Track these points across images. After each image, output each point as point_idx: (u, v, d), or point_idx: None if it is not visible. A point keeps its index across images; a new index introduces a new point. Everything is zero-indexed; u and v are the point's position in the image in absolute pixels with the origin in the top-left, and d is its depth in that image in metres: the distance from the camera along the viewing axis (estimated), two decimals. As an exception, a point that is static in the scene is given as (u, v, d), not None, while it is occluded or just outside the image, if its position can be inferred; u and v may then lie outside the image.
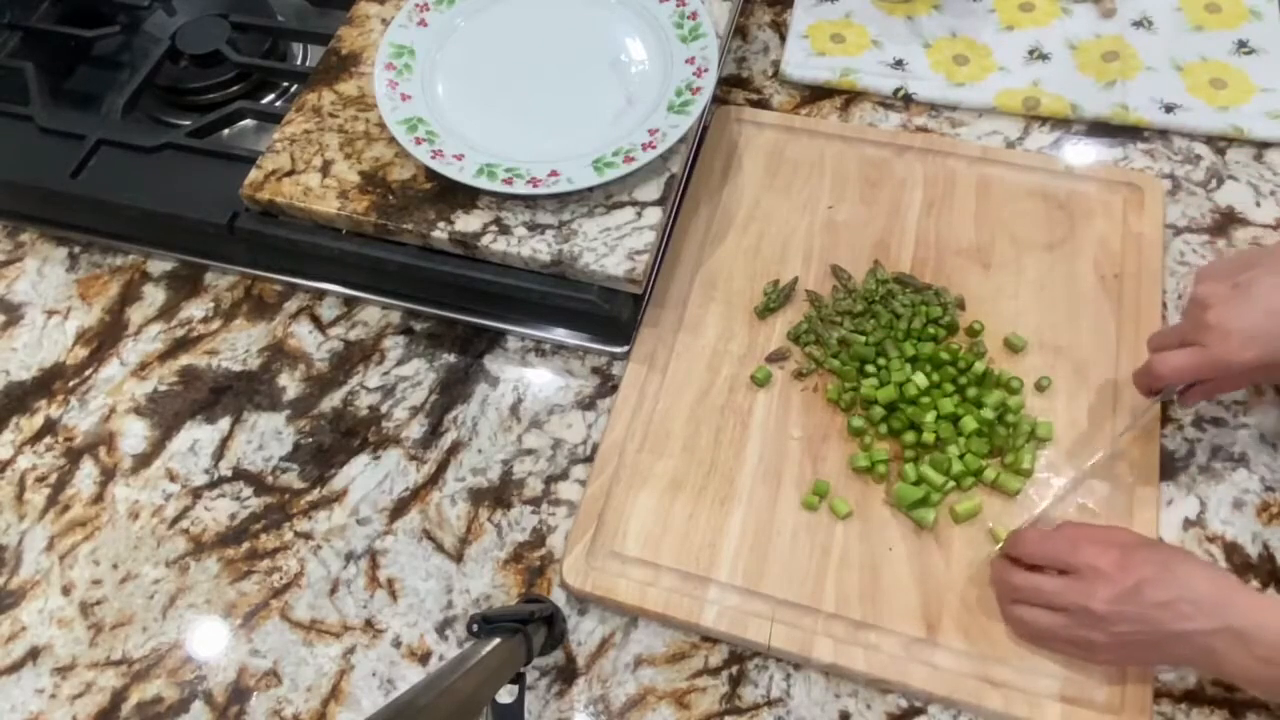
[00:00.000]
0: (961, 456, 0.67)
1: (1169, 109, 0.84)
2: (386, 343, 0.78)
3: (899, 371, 0.70)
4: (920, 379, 0.70)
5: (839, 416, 0.71)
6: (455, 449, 0.73)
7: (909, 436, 0.69)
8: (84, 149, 0.81)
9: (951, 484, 0.67)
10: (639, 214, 0.72)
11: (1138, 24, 0.90)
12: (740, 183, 0.83)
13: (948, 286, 0.75)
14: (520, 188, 0.71)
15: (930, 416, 0.68)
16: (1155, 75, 0.86)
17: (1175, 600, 0.56)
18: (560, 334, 0.76)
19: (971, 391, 0.70)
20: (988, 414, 0.68)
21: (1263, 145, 0.83)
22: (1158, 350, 0.64)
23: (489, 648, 0.52)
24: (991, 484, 0.67)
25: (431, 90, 0.79)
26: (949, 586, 0.64)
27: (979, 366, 0.70)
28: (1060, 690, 0.60)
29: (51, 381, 0.78)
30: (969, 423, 0.68)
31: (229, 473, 0.73)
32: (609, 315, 0.72)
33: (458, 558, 0.69)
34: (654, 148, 0.73)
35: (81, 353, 0.79)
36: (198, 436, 0.75)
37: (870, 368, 0.71)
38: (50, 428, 0.76)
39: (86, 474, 0.74)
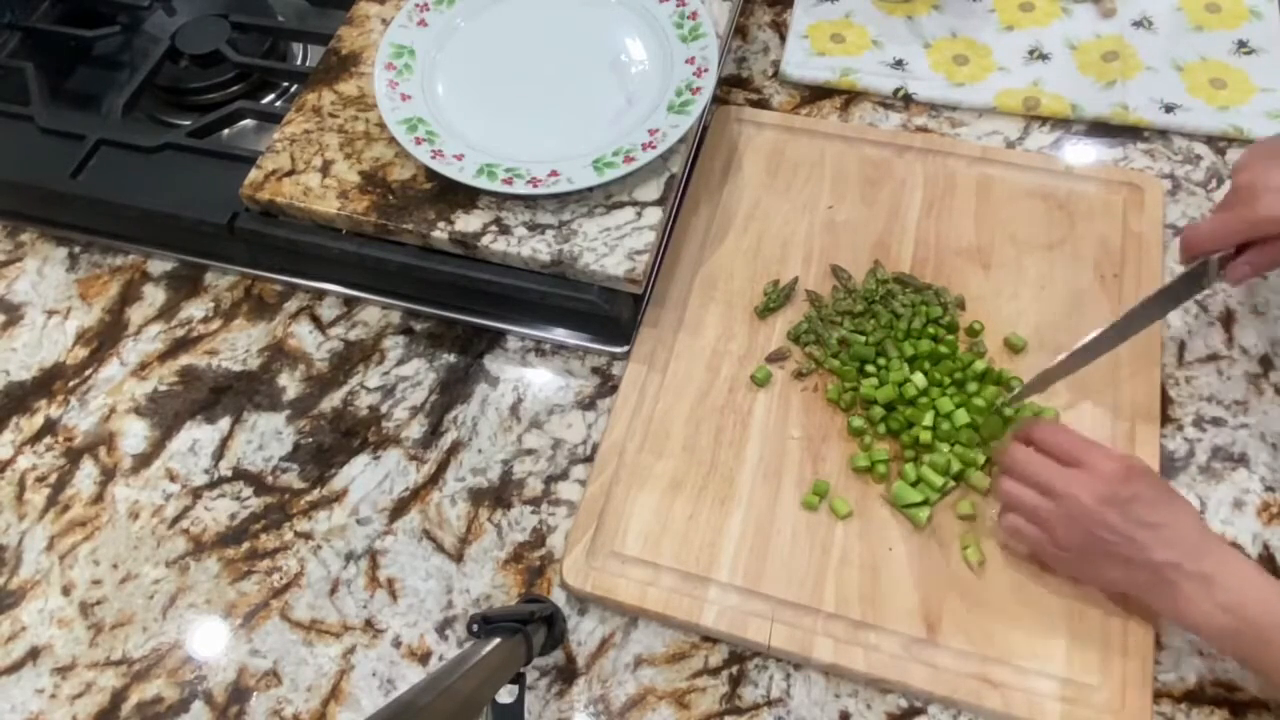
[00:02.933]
0: (951, 446, 0.67)
1: (1169, 109, 0.84)
2: (386, 343, 0.78)
3: (898, 371, 0.70)
4: (919, 379, 0.70)
5: (839, 416, 0.71)
6: (455, 449, 0.73)
7: (907, 436, 0.69)
8: (84, 149, 0.81)
9: (951, 483, 0.67)
10: (639, 214, 0.72)
11: (1138, 24, 0.90)
12: (740, 183, 0.83)
13: (948, 286, 0.75)
14: (520, 188, 0.71)
15: (928, 417, 0.68)
16: (1155, 75, 0.86)
17: (1161, 526, 0.56)
18: (560, 334, 0.76)
19: (971, 387, 0.70)
20: (979, 403, 0.69)
21: (1263, 145, 0.82)
22: (1194, 232, 0.65)
23: (489, 648, 0.52)
24: (991, 479, 0.67)
25: (431, 90, 0.79)
26: (949, 586, 0.64)
27: (979, 365, 0.70)
28: (1060, 690, 0.60)
29: (51, 381, 0.78)
30: (961, 416, 0.68)
31: (229, 473, 0.73)
32: (609, 315, 0.72)
33: (458, 558, 0.69)
34: (654, 148, 0.73)
35: (81, 353, 0.79)
36: (198, 436, 0.75)
37: (870, 368, 0.71)
38: (50, 428, 0.76)
39: (86, 474, 0.74)
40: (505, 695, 0.54)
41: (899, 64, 0.89)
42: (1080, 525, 0.59)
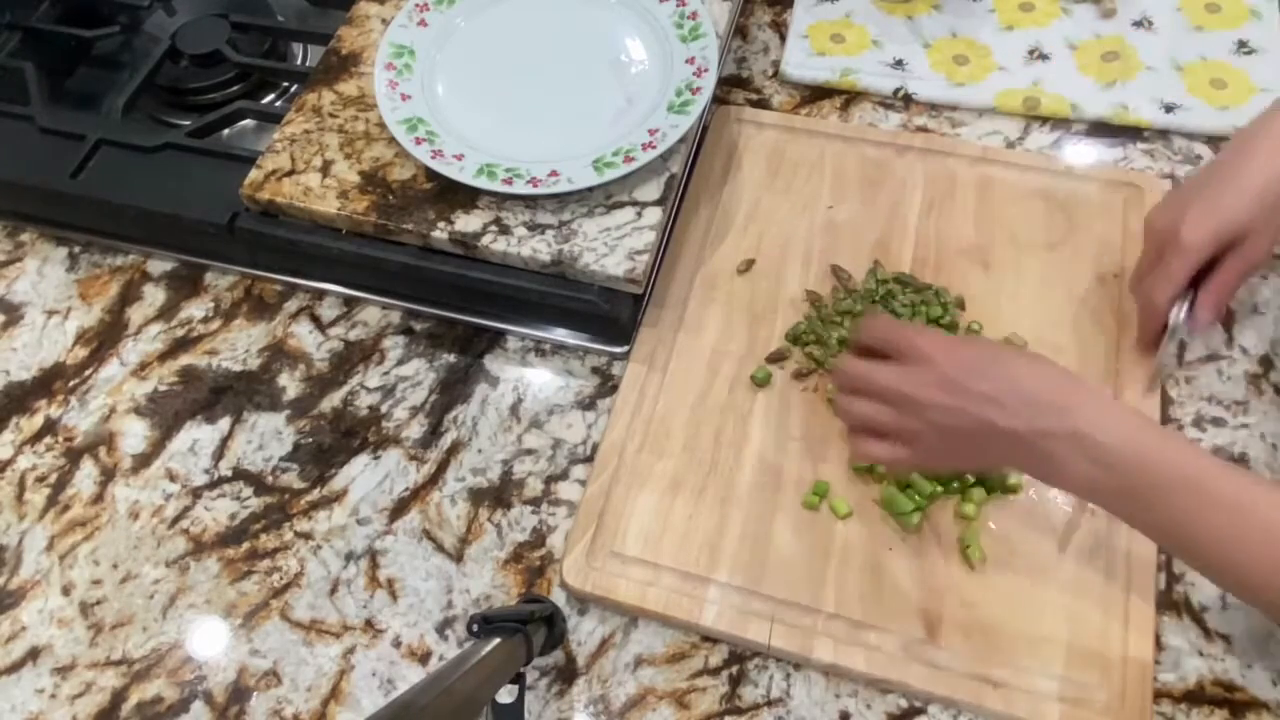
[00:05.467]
0: None
1: (1169, 109, 0.84)
2: (386, 343, 0.78)
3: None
4: None
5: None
6: (455, 449, 0.73)
7: None
8: (84, 149, 0.81)
9: (939, 489, 0.66)
10: (639, 214, 0.72)
11: (1138, 24, 0.90)
12: (740, 183, 0.83)
13: (948, 286, 0.75)
14: (520, 188, 0.71)
15: None
16: (1155, 75, 0.86)
17: (1000, 394, 0.54)
18: (560, 334, 0.76)
19: None
20: None
21: (1263, 145, 0.82)
22: (1137, 286, 0.69)
23: (489, 648, 0.52)
24: (987, 484, 0.67)
25: (431, 90, 0.79)
26: (949, 586, 0.64)
27: None
28: (1060, 690, 0.60)
29: (51, 381, 0.78)
30: None
31: (229, 473, 0.73)
32: (609, 315, 0.72)
33: (458, 558, 0.69)
34: (654, 148, 0.73)
35: (81, 353, 0.79)
36: (198, 436, 0.75)
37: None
38: (50, 428, 0.76)
39: (86, 474, 0.74)
40: (505, 695, 0.54)
41: (899, 64, 0.89)
42: (925, 419, 0.56)
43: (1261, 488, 0.53)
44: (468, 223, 0.72)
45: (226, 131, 0.87)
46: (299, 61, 0.94)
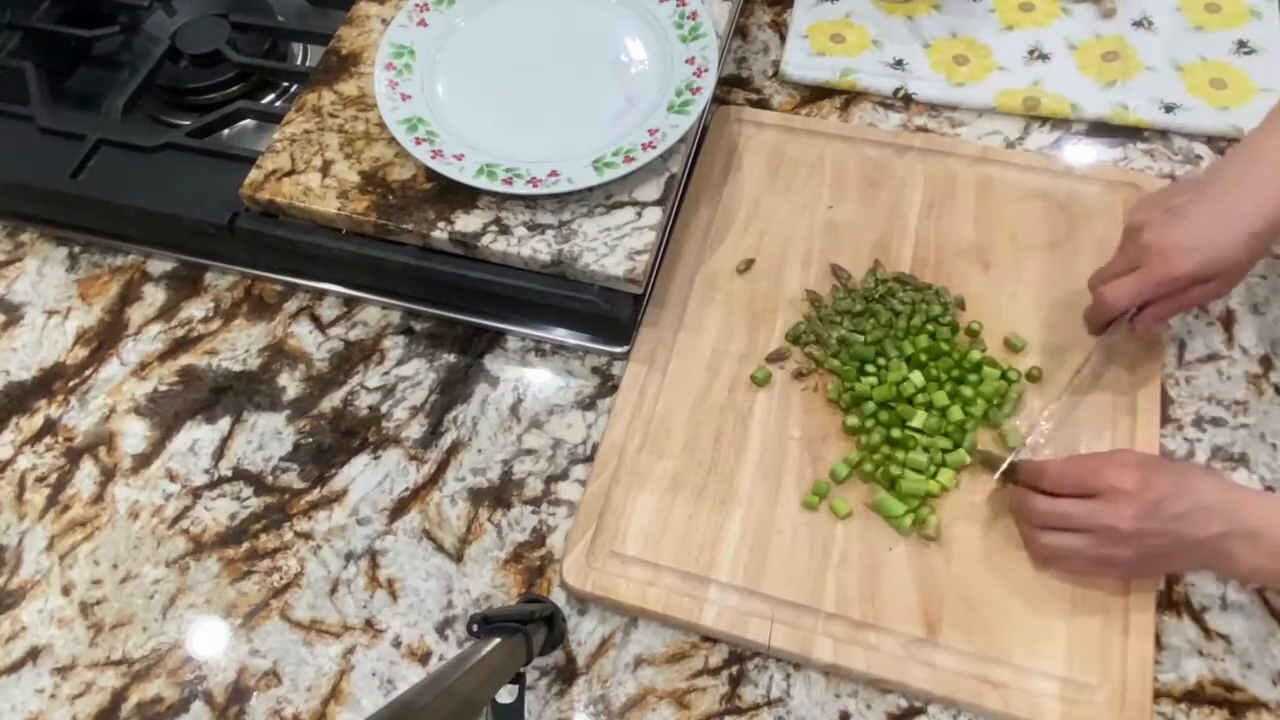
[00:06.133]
0: (929, 450, 0.68)
1: (1169, 109, 0.84)
2: (386, 343, 0.78)
3: (897, 371, 0.70)
4: (917, 377, 0.70)
5: (839, 416, 0.71)
6: (455, 449, 0.73)
7: (885, 434, 0.68)
8: (84, 149, 0.81)
9: (932, 487, 0.66)
10: (639, 214, 0.72)
11: (1138, 24, 0.90)
12: (740, 183, 0.83)
13: (948, 286, 0.75)
14: (520, 188, 0.71)
15: (919, 418, 0.68)
16: (1155, 75, 0.86)
17: (1191, 510, 0.58)
18: (560, 334, 0.76)
19: (971, 378, 0.70)
20: (967, 392, 0.69)
21: (1263, 145, 0.82)
22: (1100, 284, 0.68)
23: (489, 648, 0.52)
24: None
25: (431, 90, 0.79)
26: (949, 586, 0.64)
27: (974, 355, 0.71)
28: (1060, 690, 0.60)
29: (51, 381, 0.78)
30: (955, 413, 0.68)
31: (229, 473, 0.73)
32: (609, 315, 0.72)
33: (458, 558, 0.69)
34: (654, 148, 0.73)
35: (81, 353, 0.79)
36: (198, 436, 0.75)
37: (870, 367, 0.71)
38: (50, 428, 0.76)
39: (86, 474, 0.74)
40: (505, 695, 0.54)
41: (899, 64, 0.89)
42: (1126, 547, 0.60)
43: None
44: (468, 223, 0.72)
45: (226, 131, 0.87)
46: (299, 61, 0.94)
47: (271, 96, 0.91)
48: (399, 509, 0.71)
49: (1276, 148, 0.64)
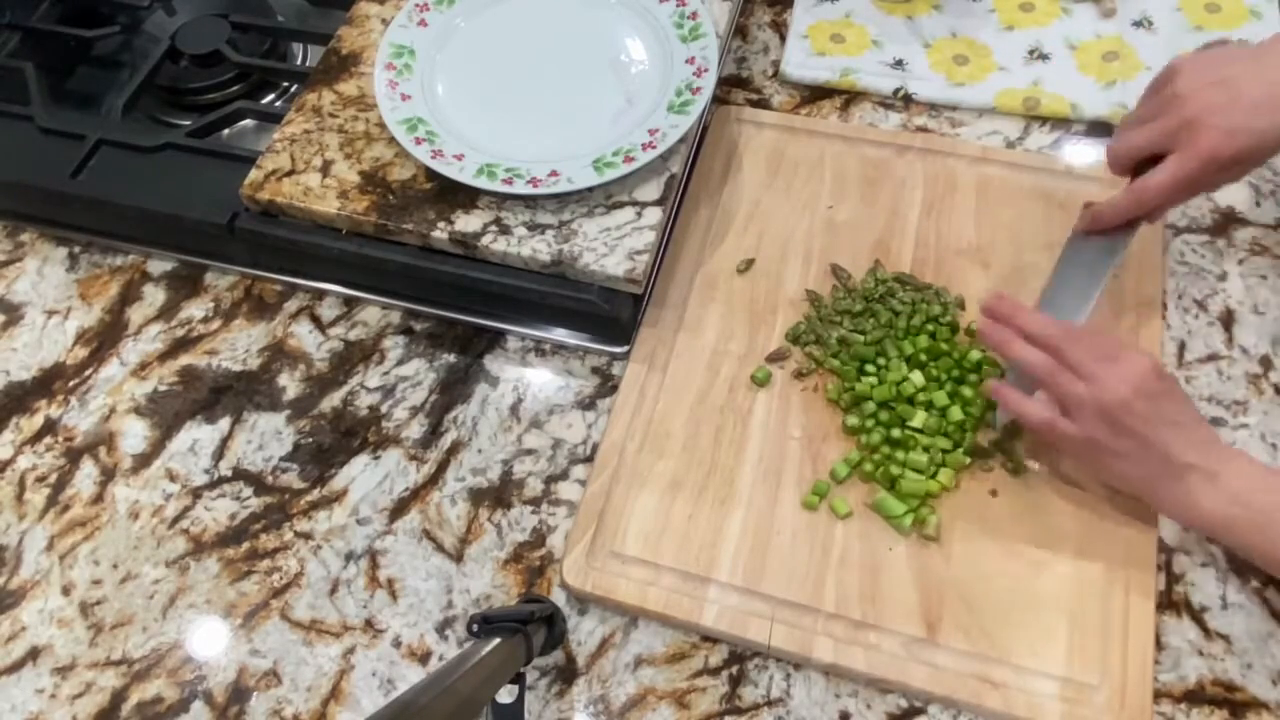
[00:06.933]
0: (928, 451, 0.67)
1: (1169, 109, 0.84)
2: (386, 343, 0.78)
3: (896, 371, 0.70)
4: (917, 377, 0.70)
5: (839, 416, 0.71)
6: (455, 449, 0.73)
7: (885, 434, 0.68)
8: (84, 149, 0.81)
9: (932, 487, 0.66)
10: (639, 214, 0.72)
11: (1138, 24, 0.90)
12: (740, 183, 0.83)
13: (948, 286, 0.75)
14: (520, 188, 0.71)
15: (919, 417, 0.68)
16: (1155, 75, 0.86)
17: (1184, 425, 0.59)
18: (560, 334, 0.76)
19: (971, 377, 0.70)
20: (968, 392, 0.69)
21: (1263, 145, 0.82)
22: (1126, 153, 0.66)
23: (489, 648, 0.52)
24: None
25: (431, 90, 0.79)
26: (949, 586, 0.64)
27: (974, 355, 0.71)
28: (1060, 690, 0.60)
29: (51, 381, 0.78)
30: (955, 413, 0.68)
31: (229, 473, 0.73)
32: (609, 315, 0.72)
33: (458, 558, 0.69)
34: (654, 148, 0.73)
35: (81, 353, 0.80)
36: (198, 436, 0.75)
37: (870, 367, 0.71)
38: (50, 428, 0.76)
39: (86, 474, 0.74)
40: (505, 695, 0.54)
41: (899, 64, 0.89)
42: (1110, 413, 0.59)
43: None
44: (468, 223, 0.72)
45: (226, 131, 0.87)
46: (299, 61, 0.94)
47: (271, 96, 0.91)
48: (399, 509, 0.71)
49: None
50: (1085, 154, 0.83)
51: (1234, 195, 0.80)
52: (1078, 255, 0.71)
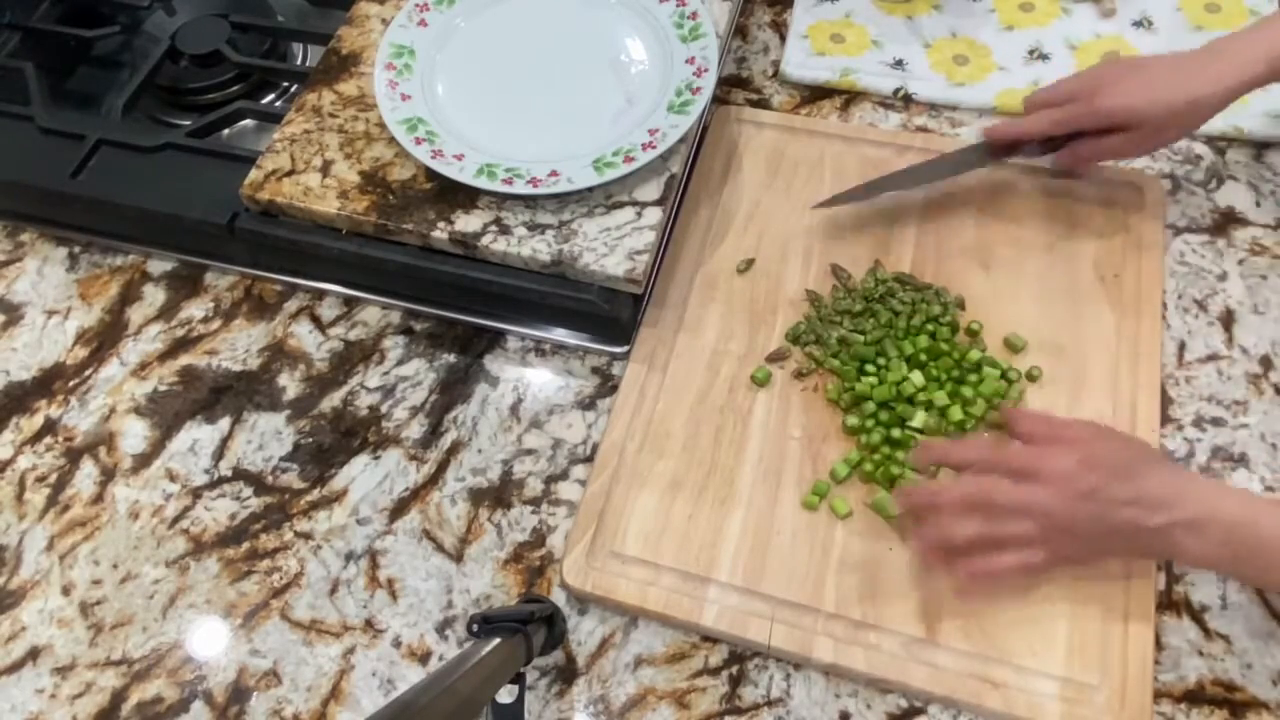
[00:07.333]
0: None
1: (1169, 109, 0.84)
2: (386, 343, 0.78)
3: (897, 370, 0.70)
4: (917, 377, 0.70)
5: (839, 416, 0.71)
6: (455, 449, 0.73)
7: (885, 434, 0.68)
8: (84, 149, 0.81)
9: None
10: (639, 214, 0.72)
11: (1138, 24, 0.90)
12: (740, 183, 0.83)
13: (948, 286, 0.75)
14: (520, 188, 0.71)
15: (919, 417, 0.68)
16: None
17: (1137, 497, 0.57)
18: (560, 334, 0.76)
19: (971, 377, 0.70)
20: (968, 392, 0.69)
21: (1263, 145, 0.83)
22: (1032, 105, 0.74)
23: (489, 648, 0.52)
24: None
25: (431, 90, 0.79)
26: (949, 586, 0.64)
27: (974, 355, 0.71)
28: (1060, 690, 0.60)
29: (51, 381, 0.78)
30: (955, 412, 0.68)
31: (229, 473, 0.73)
32: (609, 315, 0.72)
33: (458, 558, 0.69)
34: (654, 148, 0.73)
35: (81, 353, 0.80)
36: (198, 436, 0.75)
37: (870, 367, 0.71)
38: (50, 428, 0.76)
39: (86, 474, 0.74)
40: (505, 695, 0.54)
41: (899, 64, 0.89)
42: (1069, 529, 0.59)
43: None
44: (468, 223, 0.72)
45: (226, 131, 0.87)
46: (299, 61, 0.94)
47: (271, 96, 0.91)
48: (399, 509, 0.71)
49: (1239, 48, 0.69)
50: (1085, 154, 0.83)
51: (1234, 195, 0.80)
52: (925, 167, 0.78)
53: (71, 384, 0.78)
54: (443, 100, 0.79)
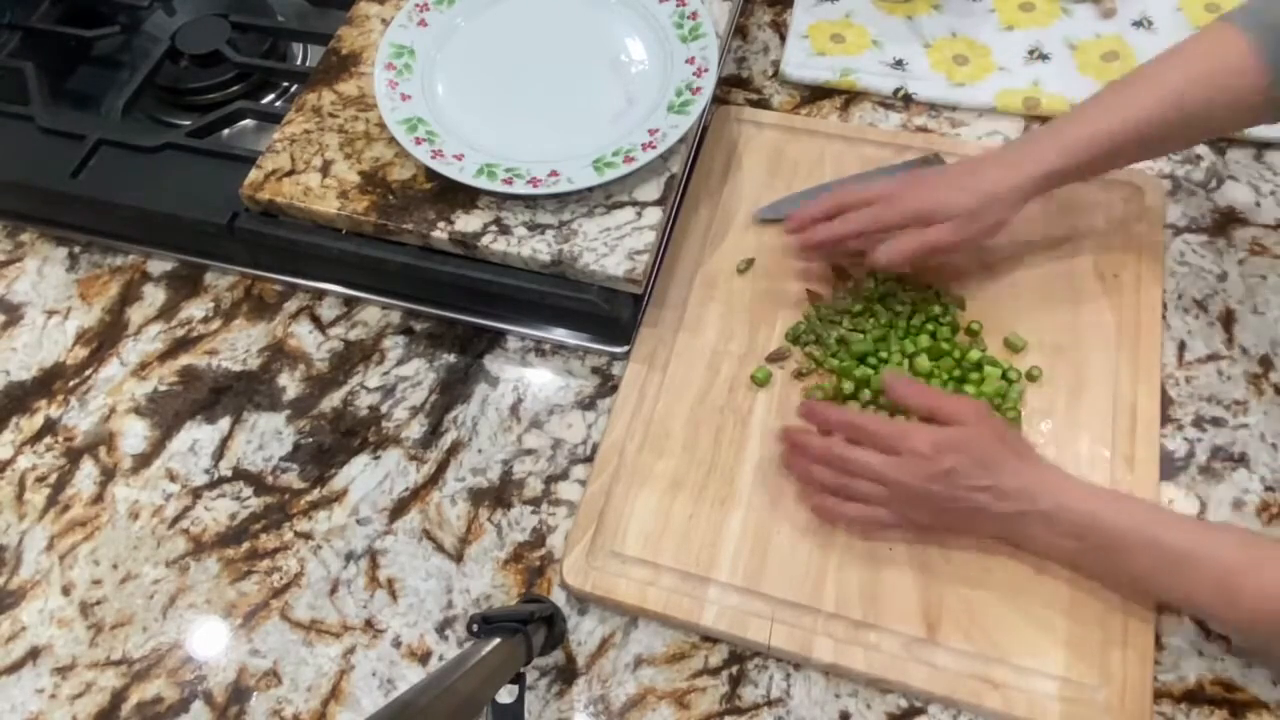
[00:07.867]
0: None
1: (1169, 109, 0.84)
2: (386, 343, 0.78)
3: (897, 366, 0.70)
4: (922, 363, 0.70)
5: (839, 416, 0.71)
6: (455, 449, 0.73)
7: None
8: (84, 149, 0.81)
9: None
10: (639, 214, 0.72)
11: (1138, 24, 0.90)
12: (740, 183, 0.83)
13: (948, 286, 0.75)
14: (520, 188, 0.71)
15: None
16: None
17: (989, 486, 0.61)
18: (560, 334, 0.76)
19: (973, 376, 0.70)
20: (969, 391, 0.69)
21: (1263, 145, 0.82)
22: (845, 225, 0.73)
23: (489, 648, 0.52)
24: None
25: (431, 90, 0.79)
26: (949, 586, 0.64)
27: (974, 354, 0.71)
28: (1060, 690, 0.60)
29: (51, 381, 0.78)
30: None
31: (229, 473, 0.73)
32: (609, 315, 0.72)
33: (458, 558, 0.69)
34: (654, 148, 0.73)
35: (81, 353, 0.80)
36: (198, 436, 0.75)
37: (871, 359, 0.71)
38: (50, 428, 0.76)
39: (86, 474, 0.74)
40: (505, 695, 0.54)
41: (899, 64, 0.89)
42: (922, 503, 0.62)
43: (1210, 535, 0.59)
44: (468, 223, 0.72)
45: (226, 131, 0.87)
46: (299, 61, 0.94)
47: (271, 96, 0.91)
48: (399, 509, 0.71)
49: (1031, 139, 0.71)
50: (1085, 154, 0.83)
51: (1234, 195, 0.80)
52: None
53: (71, 384, 0.78)
54: (443, 100, 0.79)
